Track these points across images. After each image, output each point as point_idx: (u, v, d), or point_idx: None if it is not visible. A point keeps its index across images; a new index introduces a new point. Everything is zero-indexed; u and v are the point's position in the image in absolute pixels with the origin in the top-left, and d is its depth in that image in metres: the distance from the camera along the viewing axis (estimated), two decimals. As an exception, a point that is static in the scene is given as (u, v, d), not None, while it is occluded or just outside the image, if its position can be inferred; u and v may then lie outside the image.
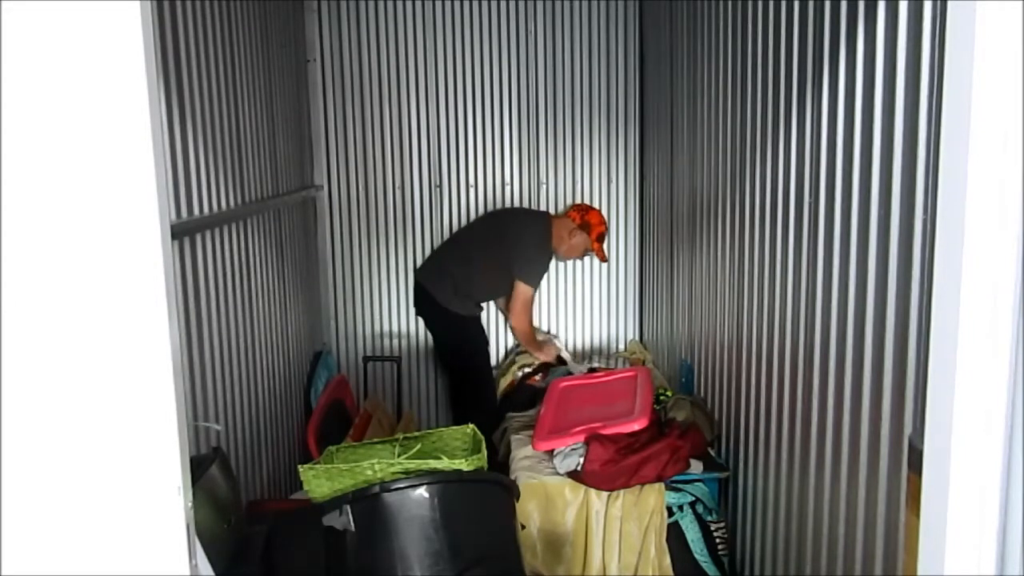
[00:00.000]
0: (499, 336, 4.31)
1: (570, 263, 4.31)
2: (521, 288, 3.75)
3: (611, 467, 2.64)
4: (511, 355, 4.13)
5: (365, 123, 4.15)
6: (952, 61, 0.90)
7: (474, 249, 3.85)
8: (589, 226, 3.87)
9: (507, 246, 3.76)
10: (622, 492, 2.68)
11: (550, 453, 2.84)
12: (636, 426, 2.76)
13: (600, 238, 3.90)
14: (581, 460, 2.68)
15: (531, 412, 3.50)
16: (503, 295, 3.93)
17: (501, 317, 4.28)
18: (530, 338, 3.89)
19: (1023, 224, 0.88)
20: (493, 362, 4.22)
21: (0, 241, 1.01)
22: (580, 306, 4.38)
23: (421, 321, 4.11)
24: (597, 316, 4.41)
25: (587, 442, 2.71)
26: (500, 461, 3.15)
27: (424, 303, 3.89)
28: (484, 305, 4.04)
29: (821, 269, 2.04)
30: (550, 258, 3.91)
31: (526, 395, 3.69)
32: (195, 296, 2.38)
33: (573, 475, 2.71)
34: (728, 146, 2.77)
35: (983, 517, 0.93)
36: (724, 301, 2.84)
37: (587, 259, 4.33)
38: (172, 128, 2.24)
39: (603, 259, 4.00)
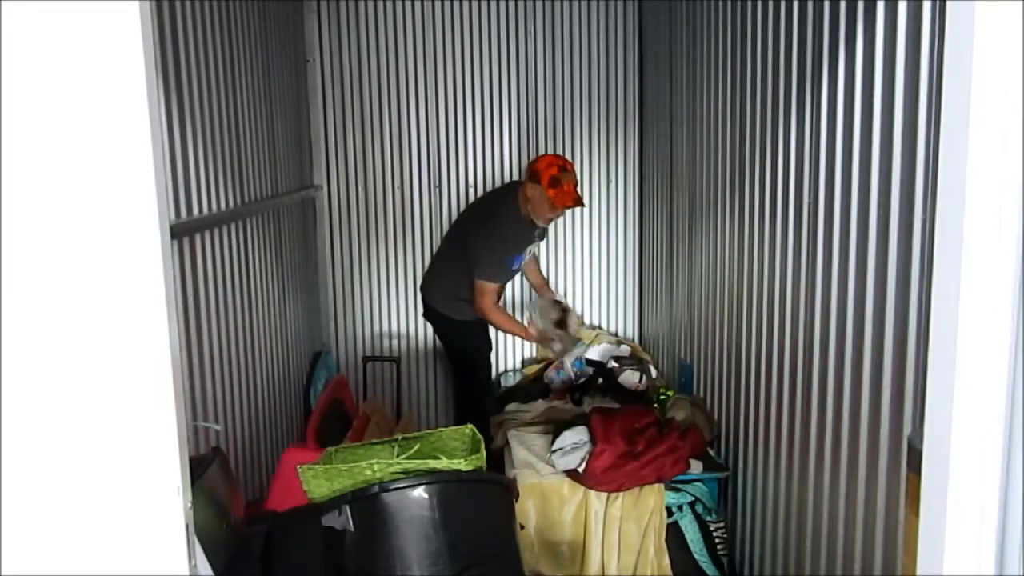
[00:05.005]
0: (501, 336, 4.30)
1: (567, 257, 4.30)
2: (477, 285, 3.48)
3: (612, 473, 2.65)
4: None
5: (365, 123, 4.15)
6: (952, 61, 0.90)
7: (452, 250, 3.76)
8: (538, 174, 3.41)
9: (471, 240, 3.57)
10: (621, 492, 2.68)
11: (549, 450, 2.83)
12: None
13: (553, 182, 3.37)
14: (584, 457, 2.67)
15: (532, 405, 3.48)
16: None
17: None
18: (503, 326, 3.65)
19: (1023, 224, 0.88)
20: (508, 363, 4.26)
21: (0, 241, 1.01)
22: (579, 306, 4.37)
23: (422, 322, 4.11)
24: (596, 316, 4.40)
25: (593, 438, 2.71)
26: (493, 449, 3.06)
27: (427, 311, 3.87)
28: None
29: (820, 269, 2.04)
30: (514, 237, 3.55)
31: (532, 388, 3.68)
32: (194, 296, 2.38)
33: (571, 474, 2.71)
34: (727, 146, 2.77)
35: (983, 517, 0.93)
36: (723, 301, 2.84)
37: (584, 257, 4.33)
38: (171, 128, 2.24)
39: (568, 204, 3.42)
